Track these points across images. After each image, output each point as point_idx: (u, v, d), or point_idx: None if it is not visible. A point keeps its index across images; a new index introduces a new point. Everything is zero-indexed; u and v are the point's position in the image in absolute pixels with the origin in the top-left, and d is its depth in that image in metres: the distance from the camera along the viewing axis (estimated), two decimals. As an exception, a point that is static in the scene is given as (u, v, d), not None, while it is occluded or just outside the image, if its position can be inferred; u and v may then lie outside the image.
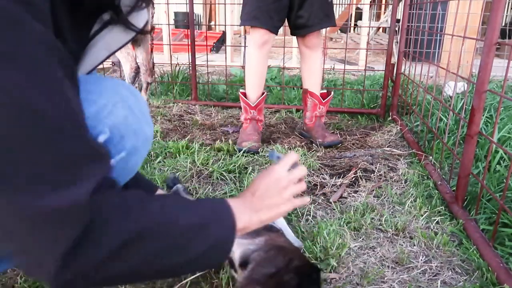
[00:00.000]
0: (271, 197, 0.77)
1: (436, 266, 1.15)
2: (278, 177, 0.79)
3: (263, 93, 2.16)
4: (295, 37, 2.18)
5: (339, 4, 8.99)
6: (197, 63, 2.98)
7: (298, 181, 0.82)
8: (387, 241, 1.27)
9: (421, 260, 1.17)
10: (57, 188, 0.48)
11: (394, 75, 2.63)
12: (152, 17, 2.80)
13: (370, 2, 7.29)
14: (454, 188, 1.47)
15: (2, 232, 0.50)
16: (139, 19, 0.75)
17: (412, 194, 1.56)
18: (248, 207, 0.73)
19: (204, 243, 0.62)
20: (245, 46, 4.14)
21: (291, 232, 1.20)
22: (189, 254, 0.62)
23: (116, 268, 0.55)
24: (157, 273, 0.62)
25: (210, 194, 1.56)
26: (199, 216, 0.64)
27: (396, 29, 2.80)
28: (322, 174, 1.77)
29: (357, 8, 7.60)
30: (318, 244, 1.21)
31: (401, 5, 2.84)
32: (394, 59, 2.79)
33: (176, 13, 7.75)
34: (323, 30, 2.27)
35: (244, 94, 2.16)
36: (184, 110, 2.79)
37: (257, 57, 2.08)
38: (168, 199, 0.67)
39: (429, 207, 1.46)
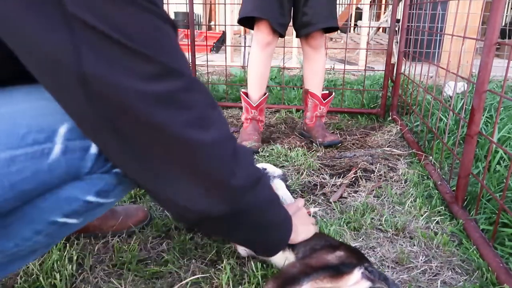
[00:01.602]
0: (304, 221, 1.05)
1: (436, 266, 1.15)
2: (301, 208, 1.10)
3: (264, 94, 2.16)
4: (295, 37, 2.17)
5: (339, 4, 8.98)
6: (197, 63, 2.98)
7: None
8: (387, 241, 1.27)
9: (421, 260, 1.17)
10: (216, 123, 0.65)
11: (394, 75, 2.63)
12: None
13: (370, 2, 7.29)
14: (454, 188, 1.47)
15: (171, 167, 0.63)
16: None
17: (412, 194, 1.56)
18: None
19: (273, 237, 0.85)
20: (245, 46, 4.14)
21: (293, 200, 1.20)
22: (263, 237, 0.84)
23: (238, 220, 0.74)
24: (240, 238, 0.86)
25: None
26: (280, 217, 0.87)
27: (396, 29, 2.80)
28: (322, 174, 1.77)
29: (357, 8, 7.60)
30: (318, 244, 1.21)
31: (401, 5, 2.84)
32: (394, 59, 2.79)
33: (176, 13, 7.75)
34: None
35: (246, 94, 2.16)
36: (184, 110, 2.78)
37: (260, 57, 2.07)
38: (274, 192, 0.86)
39: (429, 207, 1.46)
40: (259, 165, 1.32)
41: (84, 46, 0.52)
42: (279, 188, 1.21)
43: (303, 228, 1.00)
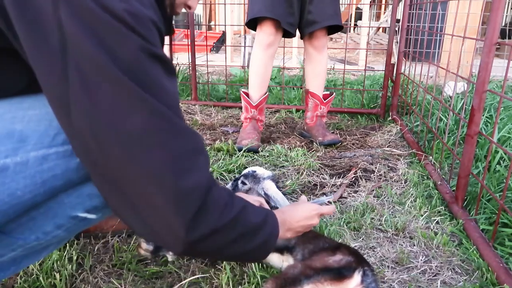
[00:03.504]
0: (298, 210, 0.99)
1: (436, 266, 1.15)
2: (301, 202, 1.04)
3: (265, 93, 2.16)
4: (300, 38, 2.17)
5: (339, 4, 8.98)
6: (197, 63, 2.98)
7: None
8: (387, 241, 1.27)
9: (421, 260, 1.17)
10: (192, 172, 0.65)
11: (394, 75, 2.63)
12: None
13: (370, 2, 7.29)
14: (454, 188, 1.47)
15: (141, 205, 0.63)
16: None
17: (412, 194, 1.56)
18: (281, 218, 0.89)
19: (258, 240, 0.78)
20: (245, 46, 4.14)
21: (285, 198, 1.21)
22: (248, 246, 0.77)
23: (213, 242, 0.70)
24: (225, 255, 0.82)
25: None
26: (260, 219, 0.80)
27: (396, 29, 2.80)
28: (322, 174, 1.77)
29: (357, 8, 7.59)
30: (318, 244, 1.20)
31: (401, 5, 2.84)
32: (394, 59, 2.79)
33: (176, 13, 7.73)
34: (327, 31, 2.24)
35: (246, 94, 2.16)
36: (184, 110, 2.79)
37: (261, 58, 2.07)
38: (245, 200, 0.80)
39: (429, 207, 1.46)
40: (250, 169, 1.32)
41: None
42: (269, 188, 1.22)
43: (294, 224, 0.95)
